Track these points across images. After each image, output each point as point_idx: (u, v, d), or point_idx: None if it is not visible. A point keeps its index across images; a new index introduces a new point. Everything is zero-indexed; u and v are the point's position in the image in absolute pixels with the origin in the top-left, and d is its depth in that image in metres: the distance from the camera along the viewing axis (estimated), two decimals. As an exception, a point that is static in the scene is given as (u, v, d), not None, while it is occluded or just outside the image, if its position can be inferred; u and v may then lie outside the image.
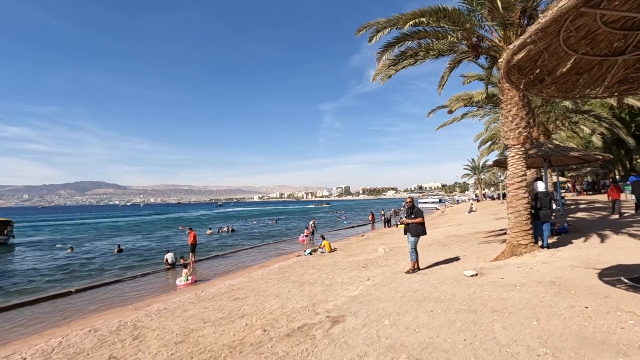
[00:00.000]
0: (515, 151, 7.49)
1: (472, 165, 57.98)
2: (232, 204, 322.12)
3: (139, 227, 42.10)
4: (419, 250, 11.01)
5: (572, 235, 9.67)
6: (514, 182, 7.48)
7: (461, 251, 10.00)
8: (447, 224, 22.48)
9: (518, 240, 7.34)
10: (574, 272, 5.53)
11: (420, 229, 7.39)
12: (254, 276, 11.44)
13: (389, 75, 9.15)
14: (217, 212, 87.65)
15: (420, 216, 7.39)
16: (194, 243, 16.49)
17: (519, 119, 7.38)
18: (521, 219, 7.34)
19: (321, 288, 8.34)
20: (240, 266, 14.81)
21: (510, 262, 6.96)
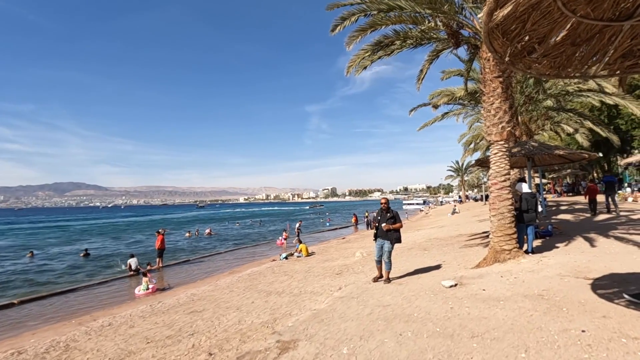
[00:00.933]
0: (499, 148, 6.86)
1: (456, 167, 58.23)
2: (217, 205, 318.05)
3: (114, 230, 40.27)
4: (398, 255, 10.41)
5: (557, 239, 9.14)
6: (496, 181, 6.85)
7: (442, 256, 9.35)
8: (429, 226, 21.99)
9: (501, 245, 6.70)
10: (564, 283, 4.88)
11: (399, 236, 6.59)
12: (220, 284, 10.53)
13: (364, 66, 8.43)
14: (199, 214, 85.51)
15: (400, 220, 6.59)
16: (162, 248, 15.41)
17: (502, 112, 6.76)
18: (504, 222, 6.71)
19: (288, 299, 7.53)
20: (209, 272, 13.83)
21: (492, 269, 6.30)
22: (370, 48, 7.78)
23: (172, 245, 23.33)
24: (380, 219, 6.53)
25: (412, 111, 13.01)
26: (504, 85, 6.75)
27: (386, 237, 6.46)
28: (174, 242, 24.92)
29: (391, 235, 6.43)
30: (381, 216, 6.56)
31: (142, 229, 40.24)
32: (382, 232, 6.46)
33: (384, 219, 6.45)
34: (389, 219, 6.41)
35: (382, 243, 6.57)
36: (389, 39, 7.56)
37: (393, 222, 6.43)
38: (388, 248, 6.46)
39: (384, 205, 6.66)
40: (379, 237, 6.58)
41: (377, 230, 6.60)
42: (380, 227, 6.49)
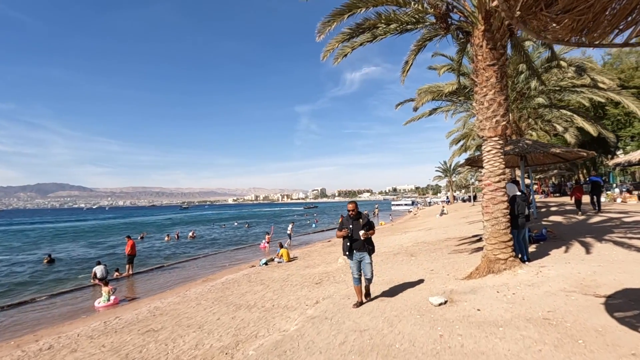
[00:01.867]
0: (492, 144, 6.12)
1: (444, 168, 58.10)
2: (206, 206, 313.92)
3: (90, 233, 38.57)
4: (383, 261, 9.64)
5: (552, 244, 8.50)
6: (490, 182, 6.11)
7: (429, 263, 8.60)
8: (417, 228, 21.35)
9: (496, 254, 5.96)
10: (571, 302, 4.14)
11: (373, 244, 5.48)
12: (190, 295, 9.58)
13: (344, 54, 7.62)
14: (184, 216, 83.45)
15: (373, 227, 5.45)
16: (132, 253, 14.34)
17: (496, 104, 6.02)
18: (499, 228, 5.97)
19: (258, 315, 6.66)
20: (182, 280, 12.83)
21: (487, 282, 5.55)
22: (350, 32, 6.97)
23: (148, 250, 22.18)
24: (353, 227, 5.25)
25: (398, 105, 12.27)
26: (498, 75, 6.02)
27: (363, 249, 5.28)
28: (151, 247, 23.73)
29: (368, 246, 5.33)
30: (353, 224, 5.28)
31: (121, 232, 38.63)
32: (359, 243, 5.22)
33: (358, 227, 5.22)
34: (364, 225, 5.23)
35: (360, 257, 5.32)
36: (370, 21, 6.76)
37: (369, 229, 5.28)
38: (369, 260, 5.35)
39: (353, 211, 5.29)
40: (355, 250, 5.28)
41: (351, 243, 5.24)
42: (354, 238, 5.21)
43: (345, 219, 5.43)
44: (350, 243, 5.26)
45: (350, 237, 5.23)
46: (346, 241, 5.27)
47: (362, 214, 5.42)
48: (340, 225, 5.48)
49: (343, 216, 16.57)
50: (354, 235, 5.21)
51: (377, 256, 11.31)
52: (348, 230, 5.23)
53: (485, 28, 5.98)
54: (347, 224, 5.29)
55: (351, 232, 5.21)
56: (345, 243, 5.30)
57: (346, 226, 5.29)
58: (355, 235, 5.20)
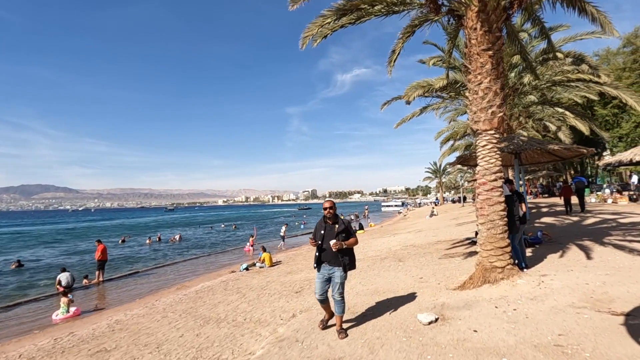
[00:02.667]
0: (488, 139, 5.47)
1: (434, 169, 57.91)
2: (196, 207, 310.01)
3: (68, 236, 36.98)
4: (369, 267, 8.92)
5: (549, 248, 7.92)
6: (485, 181, 5.46)
7: (418, 269, 7.93)
8: (406, 230, 20.77)
9: (492, 261, 5.30)
10: (585, 322, 3.49)
11: (354, 258, 4.36)
12: (157, 306, 8.73)
13: (323, 35, 6.88)
14: (170, 218, 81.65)
15: (354, 233, 4.35)
16: (103, 259, 13.39)
17: (492, 93, 5.38)
18: (496, 233, 5.32)
19: (226, 331, 5.88)
20: (155, 288, 11.93)
21: (483, 294, 4.88)
22: (330, 14, 6.26)
23: (127, 254, 21.14)
24: (325, 233, 4.17)
25: (384, 105, 11.61)
26: (494, 61, 5.38)
27: (336, 262, 4.13)
28: (130, 251, 22.66)
29: (344, 259, 4.14)
30: (325, 229, 4.21)
31: (101, 235, 37.18)
32: (329, 254, 4.12)
33: (331, 234, 4.13)
34: (339, 233, 4.12)
35: (330, 272, 4.18)
36: (353, 2, 6.06)
37: (345, 237, 4.17)
38: (340, 278, 4.14)
39: (329, 211, 4.24)
40: (325, 263, 4.19)
41: (320, 253, 4.20)
42: (325, 247, 4.15)
43: (318, 223, 4.36)
44: (319, 253, 4.20)
45: (319, 246, 4.19)
46: (316, 252, 4.26)
47: (341, 218, 4.38)
48: (314, 231, 4.40)
49: None
50: (325, 245, 4.14)
51: (364, 261, 10.63)
52: (316, 240, 4.20)
53: (479, 8, 5.34)
54: (319, 229, 4.27)
55: (322, 239, 4.16)
56: (315, 253, 4.29)
57: (317, 232, 4.28)
58: (326, 244, 4.13)
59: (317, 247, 4.22)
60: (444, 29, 8.86)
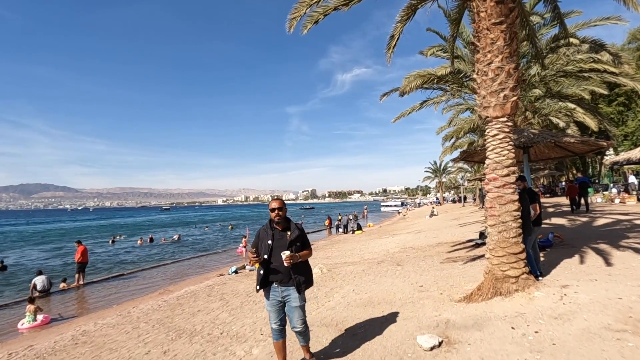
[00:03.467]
0: (499, 127, 4.71)
1: (434, 168, 57.13)
2: (196, 207, 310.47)
3: (59, 236, 36.13)
4: (365, 272, 8.10)
5: (562, 252, 7.17)
6: (496, 176, 4.70)
7: (418, 275, 7.17)
8: (406, 230, 20.01)
9: (504, 269, 4.54)
10: (632, 352, 2.73)
11: (310, 273, 3.30)
12: (132, 314, 7.97)
13: (314, 20, 6.16)
14: (165, 217, 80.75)
15: (309, 244, 3.31)
16: (83, 261, 12.61)
17: (504, 74, 4.62)
18: (509, 236, 4.56)
19: (197, 347, 5.12)
20: (136, 292, 11.17)
21: (494, 309, 4.12)
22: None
23: (115, 255, 20.39)
24: (273, 244, 3.11)
25: (383, 96, 10.85)
26: (506, 36, 4.62)
27: (289, 281, 3.09)
28: (119, 251, 21.89)
29: (297, 277, 3.10)
30: (273, 238, 3.14)
31: (94, 235, 36.39)
32: (280, 271, 3.06)
33: (282, 244, 3.09)
34: (292, 242, 3.10)
35: (283, 294, 3.13)
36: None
37: (300, 247, 3.15)
38: (299, 301, 3.14)
39: (278, 214, 3.14)
40: (276, 283, 3.13)
41: (266, 271, 3.12)
42: (273, 262, 3.08)
43: (262, 231, 3.24)
44: (265, 271, 3.10)
45: (265, 262, 3.08)
46: (260, 268, 3.18)
47: (293, 222, 3.28)
48: (256, 239, 3.27)
49: (330, 218, 13.34)
50: (273, 259, 3.06)
51: (360, 264, 9.89)
52: (261, 253, 3.11)
53: (490, -26, 4.58)
54: (264, 239, 3.15)
55: (268, 252, 3.07)
56: (259, 271, 3.19)
57: (262, 242, 3.17)
58: (275, 258, 3.04)
59: (262, 263, 3.10)
60: (446, 16, 8.14)
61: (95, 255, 20.04)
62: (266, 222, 3.26)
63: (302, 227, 3.41)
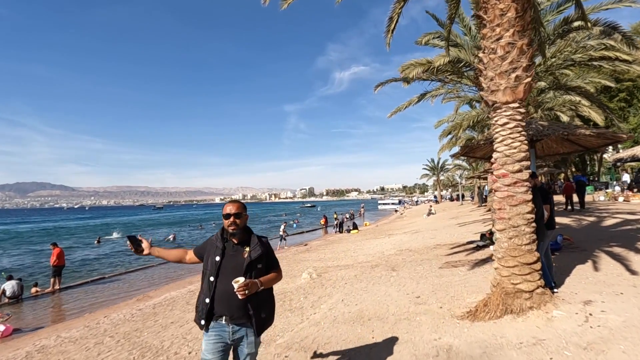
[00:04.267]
0: (510, 115, 4.00)
1: (431, 166, 56.54)
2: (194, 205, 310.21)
3: (46, 235, 35.15)
4: (357, 278, 7.25)
5: (574, 257, 6.50)
6: (506, 172, 3.99)
7: (415, 283, 6.46)
8: (402, 230, 19.33)
9: (515, 282, 3.84)
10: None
11: (272, 307, 2.40)
12: (101, 325, 7.24)
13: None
14: (160, 216, 79.74)
15: (277, 264, 2.42)
16: (59, 264, 11.83)
17: (516, 51, 3.90)
18: (521, 243, 3.85)
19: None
20: (114, 298, 10.43)
21: (506, 331, 3.42)
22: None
23: (101, 256, 19.58)
24: (224, 262, 2.24)
25: (378, 87, 10.16)
26: (518, 6, 3.90)
27: (243, 318, 2.19)
28: (105, 253, 21.10)
29: (260, 314, 2.23)
30: (224, 255, 2.27)
31: (81, 234, 35.48)
32: (231, 301, 2.14)
33: (236, 264, 2.22)
34: (250, 264, 2.21)
35: (235, 336, 2.21)
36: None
37: (263, 271, 2.28)
38: (253, 348, 2.26)
39: (233, 223, 2.25)
40: (223, 318, 2.19)
41: (212, 301, 2.19)
42: (221, 288, 2.18)
43: (209, 243, 2.39)
44: (211, 301, 2.19)
45: (209, 285, 2.21)
46: (202, 296, 2.26)
47: (256, 236, 2.37)
48: (201, 246, 2.45)
49: (326, 217, 11.76)
50: (220, 284, 2.19)
51: (352, 268, 9.18)
52: (206, 273, 2.27)
53: None
54: (212, 254, 2.28)
55: (216, 272, 2.22)
56: (202, 299, 2.26)
57: (209, 258, 2.29)
58: (223, 282, 2.18)
59: (206, 287, 2.23)
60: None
61: (78, 257, 19.27)
62: (218, 231, 2.42)
63: (268, 243, 2.43)
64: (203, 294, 2.27)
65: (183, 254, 2.52)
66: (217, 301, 2.19)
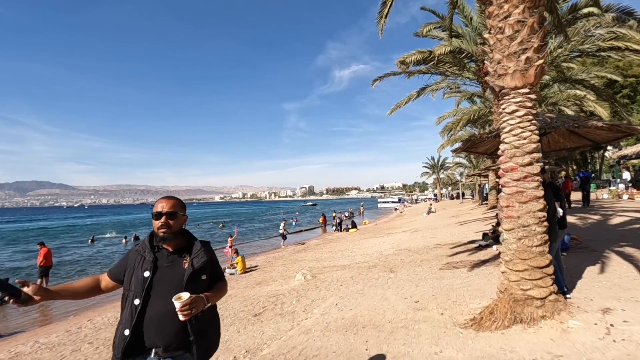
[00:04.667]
0: (519, 101, 3.59)
1: (431, 164, 56.11)
2: (194, 204, 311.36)
3: (40, 235, 34.72)
4: (353, 280, 6.79)
5: (583, 258, 6.09)
6: (515, 165, 3.59)
7: (414, 286, 6.07)
8: (402, 229, 18.93)
9: (525, 288, 3.44)
10: None
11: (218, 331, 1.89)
12: (82, 330, 6.87)
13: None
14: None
15: (222, 275, 1.97)
16: (47, 265, 11.42)
17: (526, 30, 3.49)
18: (532, 244, 3.45)
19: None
20: (101, 301, 10.01)
21: (516, 346, 3.02)
22: None
23: (95, 256, 19.21)
24: (157, 276, 1.72)
25: (376, 81, 9.75)
26: (529, -21, 3.48)
27: (182, 345, 1.67)
28: (99, 252, 20.73)
29: (203, 340, 1.71)
30: (154, 266, 1.73)
31: (75, 233, 35.05)
32: (164, 325, 1.65)
33: (173, 278, 1.73)
34: (192, 276, 1.73)
35: None
36: None
37: (207, 284, 1.81)
38: None
39: (165, 224, 1.76)
40: (153, 352, 1.67)
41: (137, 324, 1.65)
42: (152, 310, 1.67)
43: (132, 254, 1.83)
44: (135, 332, 1.65)
45: (133, 311, 1.67)
46: (121, 327, 1.69)
47: (198, 241, 1.95)
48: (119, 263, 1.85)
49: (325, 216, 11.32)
50: (151, 308, 1.68)
51: (349, 269, 8.79)
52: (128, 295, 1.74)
53: None
54: (140, 266, 1.75)
55: (143, 288, 1.69)
56: (119, 332, 1.69)
57: (134, 270, 1.76)
58: (155, 304, 1.68)
59: (127, 315, 1.69)
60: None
61: (69, 257, 18.89)
62: (145, 237, 1.87)
63: (212, 249, 1.97)
64: (122, 324, 1.69)
65: (94, 282, 1.81)
66: (146, 330, 1.66)
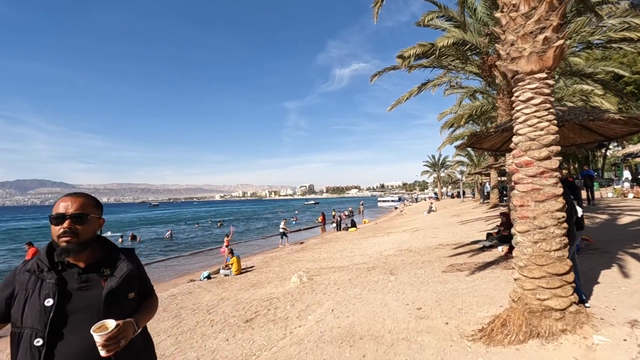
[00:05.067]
0: (536, 87, 3.20)
1: (432, 162, 55.66)
2: (195, 202, 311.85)
3: (35, 234, 34.41)
4: (351, 283, 6.44)
5: (597, 261, 5.71)
6: (530, 159, 3.20)
7: (415, 290, 5.69)
8: (402, 228, 18.54)
9: (542, 298, 3.05)
10: None
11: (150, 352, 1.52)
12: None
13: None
14: (155, 214, 79.06)
15: (154, 292, 1.67)
16: (35, 265, 11.04)
17: (544, 7, 3.10)
18: (549, 248, 3.07)
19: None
20: None
21: (532, 365, 2.64)
22: None
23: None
24: (57, 304, 1.24)
25: (374, 77, 9.38)
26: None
27: None
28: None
29: None
30: (59, 292, 1.26)
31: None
32: None
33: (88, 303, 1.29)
34: (117, 292, 1.34)
35: None
36: None
37: (135, 302, 1.44)
38: None
39: (69, 231, 1.31)
40: None
41: None
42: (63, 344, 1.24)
43: (20, 280, 1.30)
44: None
45: (35, 354, 1.21)
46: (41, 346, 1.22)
47: (118, 249, 1.51)
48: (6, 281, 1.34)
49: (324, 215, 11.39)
50: (63, 346, 1.24)
51: (347, 271, 8.41)
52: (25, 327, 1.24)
53: None
54: (34, 296, 1.26)
55: (45, 328, 1.22)
56: None
57: (20, 301, 1.27)
58: (68, 341, 1.25)
59: (30, 356, 1.21)
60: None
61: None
62: (42, 251, 1.38)
63: (137, 258, 1.58)
64: None
65: None
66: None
